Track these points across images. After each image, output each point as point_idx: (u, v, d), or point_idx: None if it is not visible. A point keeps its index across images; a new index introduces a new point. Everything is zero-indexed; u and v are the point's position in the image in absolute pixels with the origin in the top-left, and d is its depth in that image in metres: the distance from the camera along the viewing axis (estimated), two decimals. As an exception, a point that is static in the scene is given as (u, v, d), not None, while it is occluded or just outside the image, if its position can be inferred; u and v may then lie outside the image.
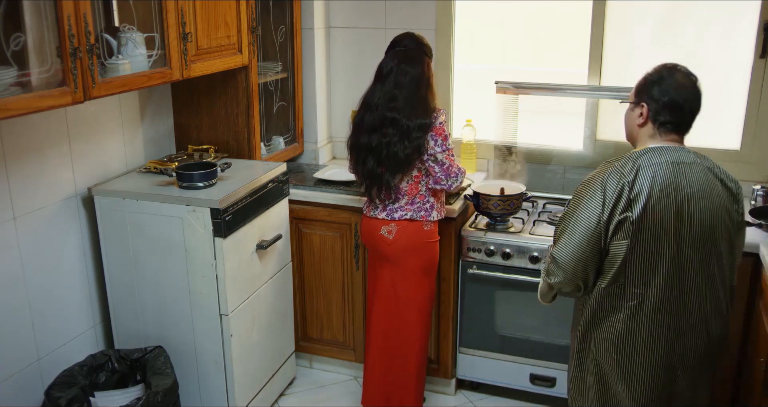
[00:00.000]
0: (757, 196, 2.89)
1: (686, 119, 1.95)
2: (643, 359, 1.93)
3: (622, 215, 1.86)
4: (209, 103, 3.02)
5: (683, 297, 1.90)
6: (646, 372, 1.93)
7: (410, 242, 2.67)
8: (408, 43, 2.63)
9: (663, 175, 1.87)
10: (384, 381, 2.85)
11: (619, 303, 1.92)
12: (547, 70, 3.36)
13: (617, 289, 1.91)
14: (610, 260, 1.90)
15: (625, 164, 1.90)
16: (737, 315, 2.66)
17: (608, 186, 1.88)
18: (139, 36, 2.35)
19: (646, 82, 1.97)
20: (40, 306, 2.43)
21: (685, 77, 1.94)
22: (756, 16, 2.92)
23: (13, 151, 2.27)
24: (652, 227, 1.86)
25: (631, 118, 2.02)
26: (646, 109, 1.95)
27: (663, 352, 1.92)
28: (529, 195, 3.05)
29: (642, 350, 1.92)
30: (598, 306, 1.95)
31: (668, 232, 1.86)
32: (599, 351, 1.98)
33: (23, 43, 1.90)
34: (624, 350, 1.93)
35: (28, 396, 2.39)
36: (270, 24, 3.19)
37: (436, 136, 2.55)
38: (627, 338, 1.92)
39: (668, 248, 1.87)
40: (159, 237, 2.55)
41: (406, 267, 2.70)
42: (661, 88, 1.93)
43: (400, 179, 2.60)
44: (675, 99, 1.92)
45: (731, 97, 3.07)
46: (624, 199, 1.86)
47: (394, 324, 2.78)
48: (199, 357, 2.66)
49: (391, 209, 2.66)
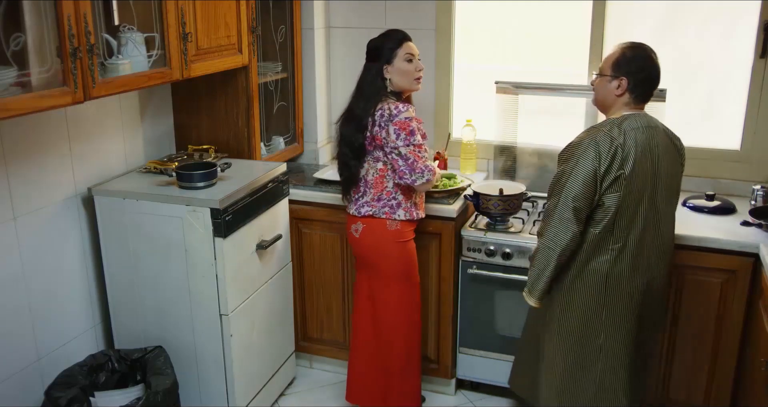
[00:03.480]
0: (757, 196, 2.89)
1: (652, 92, 2.34)
2: (624, 290, 2.31)
3: (618, 172, 2.21)
4: (209, 103, 3.02)
5: (657, 237, 2.32)
6: (625, 300, 2.32)
7: (375, 241, 2.69)
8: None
9: (641, 138, 2.25)
10: (366, 378, 2.88)
11: (606, 246, 2.29)
12: (547, 70, 3.36)
13: (606, 234, 2.28)
14: (604, 210, 2.25)
15: (612, 128, 2.26)
16: (737, 315, 2.66)
17: (601, 147, 2.22)
18: (139, 36, 2.35)
19: (624, 59, 2.29)
20: (40, 306, 2.43)
21: (654, 55, 2.31)
22: (756, 16, 2.92)
23: (13, 151, 2.27)
24: (636, 181, 2.23)
25: (608, 89, 2.33)
26: (626, 82, 2.28)
27: (639, 282, 2.32)
28: (529, 195, 3.05)
29: (624, 283, 2.31)
30: (591, 250, 2.30)
31: (646, 184, 2.26)
32: (586, 288, 2.33)
33: (23, 43, 1.90)
34: (609, 284, 2.31)
35: (28, 396, 2.39)
36: (270, 24, 3.19)
37: (399, 130, 2.55)
38: (611, 274, 2.30)
39: (646, 198, 2.27)
40: (159, 237, 2.55)
41: (378, 269, 2.73)
42: (640, 65, 2.28)
43: (360, 164, 2.66)
44: (651, 75, 2.30)
45: (731, 97, 3.06)
46: (618, 158, 2.21)
47: (372, 324, 2.82)
48: (199, 357, 2.67)
49: (359, 204, 2.70)
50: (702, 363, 2.77)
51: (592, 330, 2.36)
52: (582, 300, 2.35)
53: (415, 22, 3.36)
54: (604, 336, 2.35)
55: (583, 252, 2.31)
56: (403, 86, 2.65)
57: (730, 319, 2.68)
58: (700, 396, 2.81)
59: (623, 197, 2.23)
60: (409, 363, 2.85)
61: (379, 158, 2.64)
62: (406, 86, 2.66)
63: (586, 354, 2.38)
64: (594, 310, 2.35)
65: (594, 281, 2.32)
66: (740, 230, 2.70)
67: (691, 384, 2.80)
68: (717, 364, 2.75)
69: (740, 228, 2.71)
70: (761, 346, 2.36)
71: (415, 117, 2.61)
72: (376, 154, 2.64)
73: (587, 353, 2.38)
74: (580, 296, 2.35)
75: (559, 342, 2.43)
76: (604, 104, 2.38)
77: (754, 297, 2.58)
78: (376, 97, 2.60)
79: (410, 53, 2.62)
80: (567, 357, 2.42)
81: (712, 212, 2.88)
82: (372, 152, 2.64)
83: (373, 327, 2.82)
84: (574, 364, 2.41)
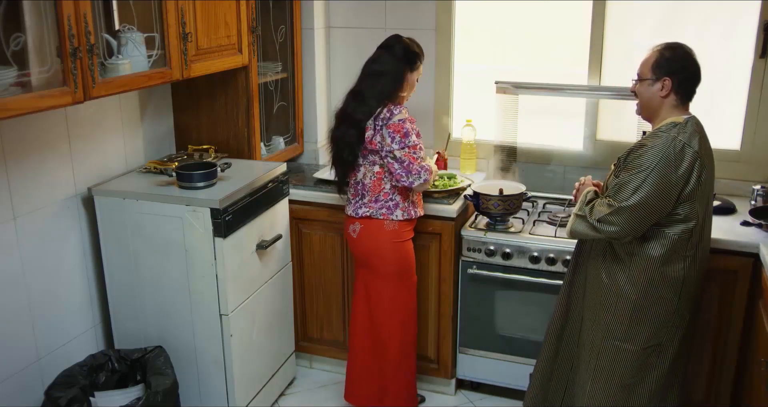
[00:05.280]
0: (757, 196, 2.89)
1: (696, 89, 2.26)
2: (692, 297, 2.29)
3: (698, 181, 2.15)
4: (209, 103, 3.02)
5: (709, 239, 2.34)
6: (691, 307, 2.30)
7: (372, 242, 2.70)
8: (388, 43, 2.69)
9: (705, 144, 2.21)
10: (364, 378, 2.89)
11: (684, 252, 2.22)
12: (547, 70, 3.36)
13: (684, 239, 2.21)
14: (683, 217, 2.18)
15: (683, 134, 2.16)
16: (737, 315, 2.66)
17: (683, 156, 2.12)
18: (139, 36, 2.34)
19: (664, 59, 2.22)
20: (40, 306, 2.43)
21: (692, 52, 2.25)
22: (756, 16, 2.92)
23: (14, 151, 2.27)
24: (708, 187, 2.22)
25: (650, 91, 2.25)
26: (670, 82, 2.21)
27: (700, 288, 2.34)
28: (529, 195, 3.05)
29: (692, 289, 2.27)
30: (669, 252, 2.21)
31: (712, 188, 2.25)
32: (664, 285, 2.24)
33: (23, 43, 1.90)
34: (683, 292, 2.25)
35: (28, 396, 2.39)
36: (270, 24, 3.19)
37: (393, 133, 2.56)
38: (687, 281, 2.24)
39: (710, 205, 2.27)
40: (159, 237, 2.55)
41: (374, 269, 2.74)
42: (681, 64, 2.21)
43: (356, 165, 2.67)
44: (694, 72, 2.23)
45: (731, 97, 3.06)
46: (696, 167, 2.14)
47: (368, 324, 2.83)
48: (199, 357, 2.66)
49: (357, 205, 2.71)
50: (703, 362, 2.77)
51: (659, 335, 2.27)
52: (655, 308, 2.25)
53: (415, 22, 3.36)
54: (667, 338, 2.28)
55: (659, 257, 2.21)
56: (403, 96, 2.72)
57: (730, 319, 2.68)
58: (700, 395, 2.81)
59: (698, 205, 2.18)
60: (404, 363, 2.86)
61: (375, 162, 2.65)
62: (405, 97, 2.73)
63: (649, 361, 2.30)
64: (665, 316, 2.25)
65: (670, 290, 2.23)
66: (740, 230, 2.70)
67: (692, 383, 2.80)
68: (717, 364, 2.75)
69: (740, 228, 2.71)
70: (761, 346, 2.36)
71: (408, 118, 2.62)
72: (371, 158, 2.64)
73: (650, 359, 2.29)
74: (653, 303, 2.25)
75: (621, 352, 2.31)
76: (650, 108, 2.28)
77: (754, 297, 2.58)
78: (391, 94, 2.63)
79: (420, 73, 2.74)
80: (629, 366, 2.30)
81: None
82: (367, 156, 2.65)
83: (369, 326, 2.83)
84: (637, 372, 2.31)
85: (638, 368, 2.30)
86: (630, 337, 2.28)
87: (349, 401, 2.98)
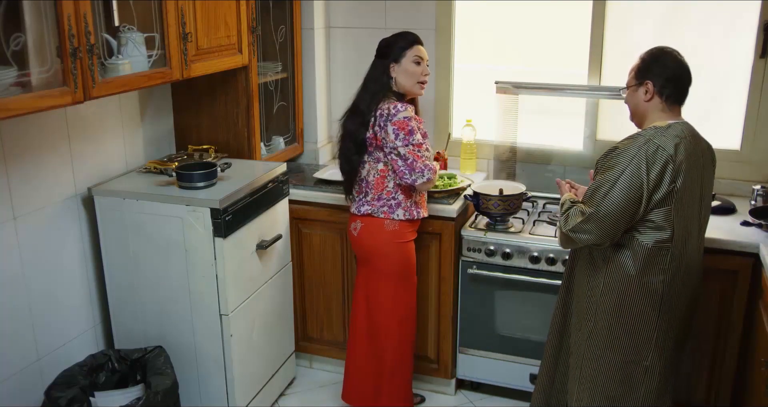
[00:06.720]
0: (757, 196, 2.89)
1: (685, 90, 2.20)
2: (675, 309, 2.20)
3: (671, 186, 2.07)
4: (209, 103, 3.02)
5: (700, 250, 2.25)
6: (675, 319, 2.22)
7: (373, 241, 2.70)
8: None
9: (689, 148, 2.11)
10: (359, 378, 2.89)
11: (662, 264, 2.14)
12: (547, 70, 3.36)
13: (663, 250, 2.13)
14: (657, 225, 2.10)
15: (659, 136, 2.09)
16: (737, 315, 2.66)
17: (650, 157, 2.05)
18: (139, 36, 2.34)
19: (644, 63, 2.21)
20: (40, 306, 2.43)
21: (677, 55, 2.20)
22: (756, 16, 2.92)
23: (14, 151, 2.27)
24: (687, 195, 2.11)
25: (636, 98, 2.22)
26: (651, 85, 2.17)
27: (689, 299, 2.24)
28: (529, 195, 3.05)
29: (675, 301, 2.19)
30: (644, 263, 2.14)
31: (695, 197, 2.15)
32: (638, 308, 2.18)
33: (23, 43, 1.90)
34: (665, 307, 2.18)
35: (28, 396, 2.39)
36: (270, 24, 3.19)
37: (398, 130, 2.55)
38: (667, 296, 2.17)
39: (696, 212, 2.17)
40: (159, 237, 2.55)
41: (374, 268, 2.74)
42: (661, 66, 2.17)
43: (361, 159, 2.67)
44: (676, 73, 2.17)
45: (731, 97, 3.06)
46: (669, 171, 2.06)
47: (366, 324, 2.82)
48: (199, 357, 2.66)
49: (360, 203, 2.71)
50: (703, 362, 2.77)
51: (641, 351, 2.21)
52: (633, 321, 2.19)
53: (415, 22, 3.36)
54: (653, 356, 2.21)
55: (633, 267, 2.15)
56: (407, 88, 2.66)
57: (730, 319, 2.68)
58: (701, 395, 2.81)
59: (675, 213, 2.09)
60: (401, 364, 2.85)
61: (380, 159, 2.64)
62: (409, 88, 2.66)
63: (634, 375, 2.23)
64: (645, 330, 2.19)
65: (648, 304, 2.17)
66: (740, 230, 2.70)
67: (692, 384, 2.80)
68: (718, 364, 2.75)
69: (740, 228, 2.72)
70: (762, 346, 2.36)
71: (414, 116, 2.61)
72: (376, 154, 2.64)
73: (635, 374, 2.23)
74: (630, 315, 2.19)
75: (602, 362, 2.27)
76: (637, 114, 2.25)
77: (755, 297, 2.58)
78: (380, 93, 2.62)
79: (419, 56, 2.65)
80: (611, 377, 2.25)
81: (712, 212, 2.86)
82: (372, 153, 2.64)
83: (367, 326, 2.82)
84: (621, 385, 2.25)
85: (622, 380, 2.24)
86: (609, 346, 2.23)
87: (346, 401, 2.97)
